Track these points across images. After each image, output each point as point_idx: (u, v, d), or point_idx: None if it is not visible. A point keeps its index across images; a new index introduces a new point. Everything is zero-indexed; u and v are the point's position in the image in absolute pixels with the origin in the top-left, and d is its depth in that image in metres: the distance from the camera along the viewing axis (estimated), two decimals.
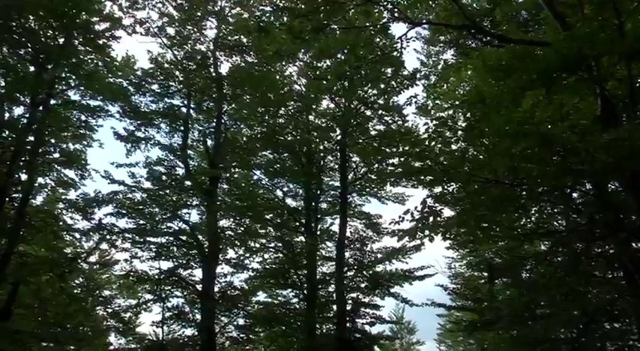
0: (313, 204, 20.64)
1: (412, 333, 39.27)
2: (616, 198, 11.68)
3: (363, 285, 20.36)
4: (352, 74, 17.79)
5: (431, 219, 8.07)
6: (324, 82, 18.55)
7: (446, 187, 9.00)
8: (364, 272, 20.31)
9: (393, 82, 18.85)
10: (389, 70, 18.44)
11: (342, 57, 16.15)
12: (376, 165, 19.82)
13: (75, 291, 19.48)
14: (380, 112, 20.02)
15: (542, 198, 9.79)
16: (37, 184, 16.51)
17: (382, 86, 19.29)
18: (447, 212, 9.13)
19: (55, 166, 16.86)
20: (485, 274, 19.00)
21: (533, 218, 13.16)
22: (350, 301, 20.17)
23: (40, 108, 15.60)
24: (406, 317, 38.78)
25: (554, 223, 13.70)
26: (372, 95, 19.91)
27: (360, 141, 19.94)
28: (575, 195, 13.25)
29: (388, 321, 25.46)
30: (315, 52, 15.72)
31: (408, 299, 20.27)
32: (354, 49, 13.96)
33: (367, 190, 21.57)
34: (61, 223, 16.69)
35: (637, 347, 13.67)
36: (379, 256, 20.36)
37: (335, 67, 17.14)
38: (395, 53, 13.07)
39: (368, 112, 20.16)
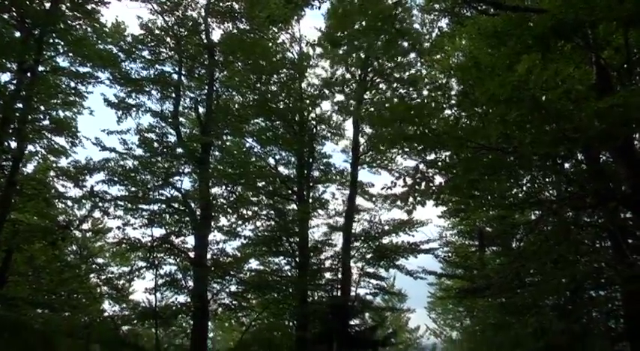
0: (305, 172, 20.69)
1: (403, 301, 39.77)
2: (607, 167, 11.75)
3: (368, 256, 20.72)
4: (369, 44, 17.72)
5: (423, 184, 8.08)
6: (340, 52, 18.48)
7: (438, 154, 9.00)
8: (370, 243, 20.62)
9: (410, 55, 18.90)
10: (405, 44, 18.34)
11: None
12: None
13: (68, 258, 19.54)
14: (395, 84, 20.04)
15: (535, 163, 9.81)
16: (27, 152, 16.33)
17: (398, 59, 19.29)
18: (440, 180, 9.19)
19: (45, 133, 16.63)
20: (476, 242, 19.17)
21: (524, 188, 13.23)
22: (355, 271, 20.55)
23: (28, 75, 15.32)
24: (397, 285, 39.27)
25: (546, 193, 13.78)
26: (388, 68, 19.88)
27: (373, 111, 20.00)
28: (567, 165, 13.32)
29: (392, 292, 26.07)
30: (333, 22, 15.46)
31: (413, 271, 20.70)
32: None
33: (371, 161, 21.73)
34: (52, 191, 16.61)
35: (620, 314, 13.93)
36: (386, 228, 20.66)
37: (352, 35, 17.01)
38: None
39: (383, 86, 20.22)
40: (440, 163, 9.06)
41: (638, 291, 11.21)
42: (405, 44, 18.28)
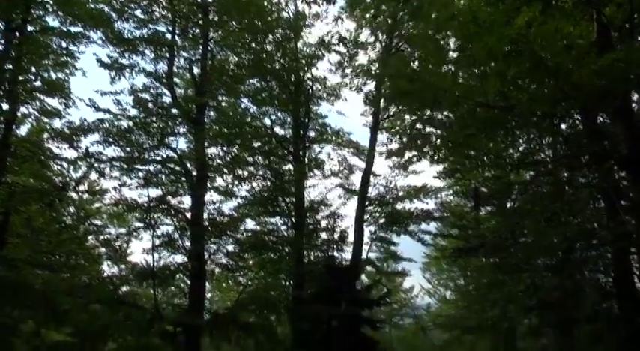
0: (301, 132, 20.64)
1: (398, 261, 40.30)
2: (604, 129, 11.73)
3: (381, 221, 20.99)
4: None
5: (419, 141, 8.07)
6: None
7: (435, 111, 8.95)
8: (383, 208, 20.93)
9: None
10: None
11: None
12: None
13: (66, 220, 19.59)
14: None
15: (531, 122, 9.78)
16: (20, 114, 16.14)
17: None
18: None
19: (38, 94, 16.39)
20: (472, 202, 19.28)
21: (520, 148, 13.23)
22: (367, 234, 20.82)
23: (17, 34, 15.02)
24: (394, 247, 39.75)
25: (541, 154, 13.79)
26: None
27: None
28: (563, 126, 13.29)
29: (404, 258, 26.61)
30: None
31: (424, 239, 21.02)
32: None
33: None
34: (47, 153, 16.51)
35: (610, 272, 14.15)
36: (400, 194, 21.01)
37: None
38: None
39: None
40: (437, 122, 9.03)
41: (627, 249, 11.37)
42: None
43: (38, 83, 16.26)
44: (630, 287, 12.73)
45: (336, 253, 24.00)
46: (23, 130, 17.42)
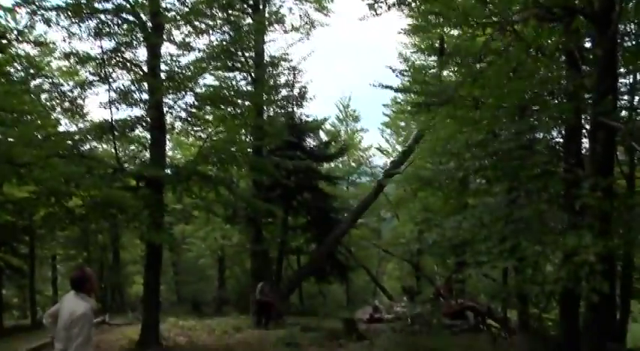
0: None
1: (356, 121, 41.04)
2: None
3: None
4: None
5: None
6: None
7: None
8: None
9: None
10: None
11: None
12: None
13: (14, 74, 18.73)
14: None
15: None
16: None
17: None
18: None
19: None
20: (435, 57, 19.13)
21: (489, 7, 12.86)
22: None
23: None
24: (352, 106, 40.16)
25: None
26: None
27: None
28: None
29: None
30: None
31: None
32: None
33: None
34: None
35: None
36: None
37: None
38: None
39: None
40: None
41: (583, 98, 11.66)
42: None
43: None
44: (578, 145, 13.35)
45: (295, 109, 24.18)
46: None
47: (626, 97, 16.03)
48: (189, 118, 17.36)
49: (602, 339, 11.02)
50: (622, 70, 14.20)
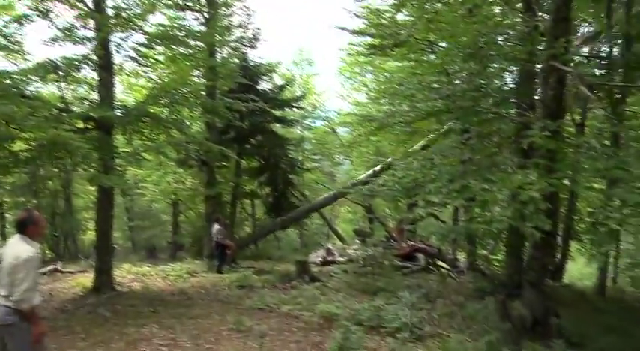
0: None
1: (311, 64, 40.76)
2: None
3: None
4: None
5: None
6: None
7: None
8: None
9: None
10: None
11: None
12: None
13: None
14: None
15: None
16: None
17: None
18: None
19: None
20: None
21: None
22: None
23: None
24: (309, 51, 39.58)
25: None
26: None
27: None
28: None
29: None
30: None
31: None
32: None
33: None
34: None
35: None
36: None
37: None
38: None
39: None
40: None
41: (536, 42, 11.77)
42: None
43: None
44: (531, 90, 13.59)
45: (249, 51, 23.64)
46: None
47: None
48: (138, 58, 16.68)
49: (541, 275, 11.63)
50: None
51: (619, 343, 11.61)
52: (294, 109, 28.39)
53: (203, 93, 20.16)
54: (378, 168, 24.10)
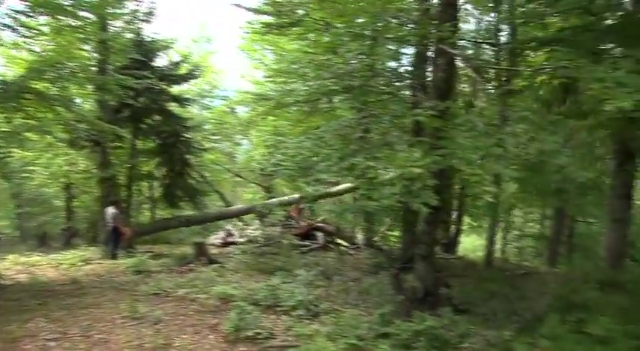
0: None
1: (209, 41, 39.88)
2: None
3: None
4: None
5: None
6: None
7: None
8: None
9: None
10: None
11: None
12: None
13: None
14: None
15: None
16: None
17: None
18: None
19: None
20: None
21: None
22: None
23: None
24: (209, 29, 38.60)
25: None
26: None
27: None
28: None
29: None
30: None
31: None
32: None
33: None
34: None
35: None
36: None
37: None
38: None
39: None
40: None
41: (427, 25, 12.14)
42: None
43: None
44: (422, 72, 14.06)
45: (144, 26, 22.64)
46: None
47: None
48: (18, 28, 15.34)
49: (432, 248, 12.19)
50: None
51: (499, 307, 12.54)
52: (190, 86, 27.52)
53: (93, 69, 19.07)
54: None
